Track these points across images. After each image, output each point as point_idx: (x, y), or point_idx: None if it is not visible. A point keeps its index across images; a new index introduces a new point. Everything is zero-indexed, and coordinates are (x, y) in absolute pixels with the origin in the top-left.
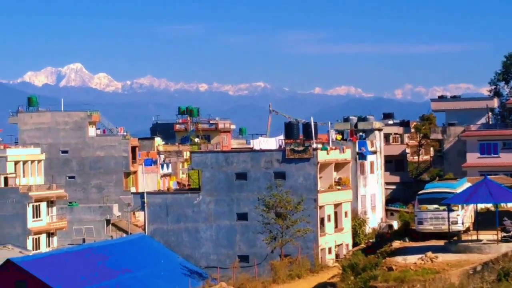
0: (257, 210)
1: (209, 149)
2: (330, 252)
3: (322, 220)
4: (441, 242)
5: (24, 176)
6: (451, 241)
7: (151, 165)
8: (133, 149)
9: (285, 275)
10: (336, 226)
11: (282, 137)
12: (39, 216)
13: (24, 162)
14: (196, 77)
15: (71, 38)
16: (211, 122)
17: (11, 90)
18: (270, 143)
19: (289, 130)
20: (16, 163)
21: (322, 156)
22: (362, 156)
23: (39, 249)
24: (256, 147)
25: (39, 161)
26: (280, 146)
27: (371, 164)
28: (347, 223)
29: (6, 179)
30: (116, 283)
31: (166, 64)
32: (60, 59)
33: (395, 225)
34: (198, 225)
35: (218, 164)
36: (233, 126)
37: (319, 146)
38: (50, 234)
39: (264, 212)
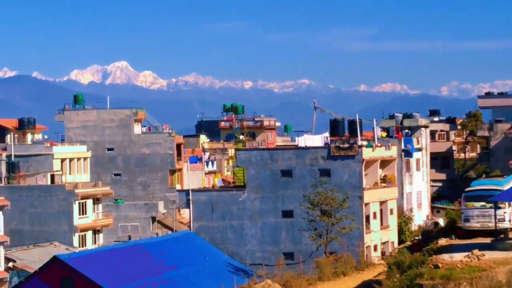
0: (302, 207)
1: (254, 147)
2: (375, 249)
3: (367, 217)
4: (487, 240)
5: (70, 174)
6: (498, 238)
7: (196, 163)
8: (178, 146)
9: (330, 273)
10: (381, 224)
11: (327, 134)
12: (85, 213)
13: (71, 160)
14: (241, 74)
15: (117, 36)
16: (256, 119)
17: (58, 88)
18: (315, 140)
19: (334, 127)
20: (62, 160)
21: (367, 153)
22: (407, 153)
23: (85, 246)
24: (301, 144)
25: (85, 158)
26: (325, 143)
27: (417, 161)
28: (392, 221)
29: (52, 177)
30: (161, 280)
31: (211, 61)
32: (105, 57)
33: (441, 222)
34: (243, 223)
35: (263, 162)
36: (278, 124)
37: (364, 143)
38: (96, 231)
39: (309, 210)
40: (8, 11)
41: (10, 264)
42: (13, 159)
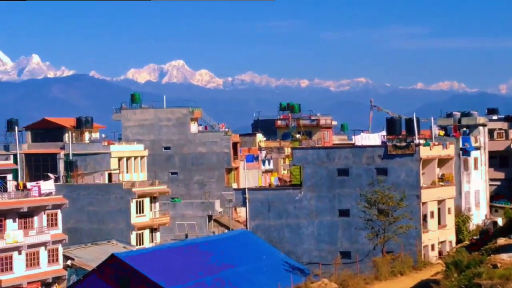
0: (359, 206)
1: (310, 145)
2: (433, 249)
3: (425, 216)
4: None
5: (127, 172)
6: None
7: (253, 161)
8: (235, 145)
9: (387, 272)
10: (439, 223)
11: (384, 132)
12: (142, 212)
13: (128, 158)
14: (297, 73)
15: (173, 35)
16: (312, 118)
17: (115, 87)
18: (371, 139)
19: (391, 125)
20: (119, 159)
21: (424, 152)
22: (465, 152)
23: (142, 244)
24: (358, 143)
25: (142, 157)
26: (382, 142)
27: (475, 160)
28: (450, 220)
29: (110, 175)
30: (218, 278)
31: (268, 60)
32: (162, 56)
33: (500, 221)
34: (299, 221)
35: (319, 160)
36: (334, 122)
37: (422, 142)
38: (153, 230)
39: (366, 208)
40: (66, 11)
41: (69, 262)
42: (71, 158)
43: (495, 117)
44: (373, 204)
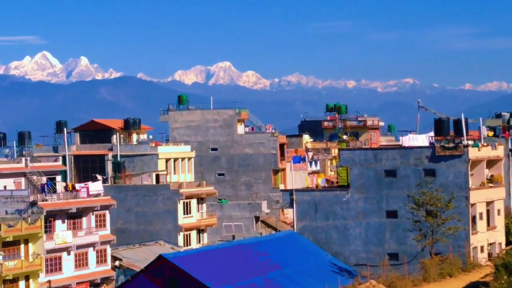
0: (406, 207)
1: (357, 146)
2: (482, 250)
3: (473, 218)
4: None
5: (175, 173)
6: None
7: (300, 162)
8: (282, 146)
9: (436, 274)
10: (488, 224)
11: (432, 133)
12: (190, 213)
13: (175, 160)
14: (344, 74)
15: (220, 36)
16: (359, 119)
17: (162, 89)
18: (419, 140)
19: (439, 126)
20: (167, 160)
21: (473, 153)
22: None
23: (189, 245)
24: (406, 144)
25: (189, 158)
26: (430, 143)
27: None
28: (499, 221)
29: (157, 176)
30: (266, 279)
31: (314, 61)
32: (209, 58)
33: None
34: (347, 223)
35: (366, 161)
36: (381, 123)
37: (470, 143)
38: (200, 231)
39: (414, 210)
40: (114, 12)
41: (117, 263)
42: (119, 159)
43: None
44: (421, 206)
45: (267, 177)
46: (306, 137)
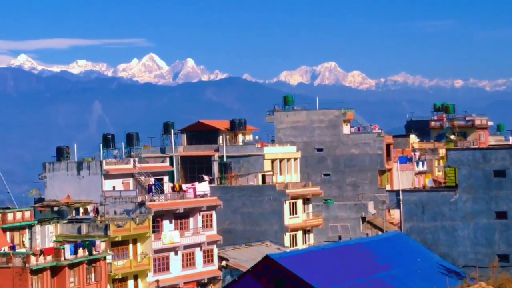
0: None
1: (465, 146)
2: None
3: None
4: None
5: (280, 174)
6: None
7: (406, 163)
8: (388, 146)
9: None
10: None
11: None
12: (296, 213)
13: (281, 160)
14: (451, 73)
15: (326, 37)
16: (467, 118)
17: (268, 90)
18: None
19: None
20: (273, 161)
21: None
22: None
23: (295, 245)
24: None
25: (295, 159)
26: None
27: None
28: None
29: (263, 177)
30: (373, 280)
31: (421, 60)
32: (314, 58)
33: None
34: (455, 224)
35: (475, 161)
36: (490, 123)
37: None
38: (306, 231)
39: None
40: (219, 14)
41: (224, 263)
42: (225, 160)
43: None
44: None
45: (373, 177)
46: (413, 137)
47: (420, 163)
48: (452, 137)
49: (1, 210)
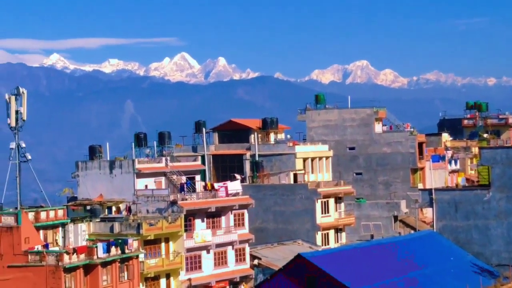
0: None
1: (498, 145)
2: None
3: None
4: None
5: (312, 173)
6: None
7: (439, 161)
8: (420, 145)
9: None
10: None
11: None
12: (328, 212)
13: (313, 159)
14: (484, 71)
15: (358, 35)
16: (500, 117)
17: (299, 89)
18: None
19: None
20: (304, 159)
21: None
22: None
23: (327, 244)
24: None
25: (327, 157)
26: None
27: None
28: None
29: (295, 176)
30: (405, 279)
31: (454, 58)
32: (346, 57)
33: None
34: (488, 222)
35: (508, 160)
36: None
37: None
38: (338, 230)
39: None
40: (250, 13)
41: (256, 262)
42: (257, 159)
43: None
44: None
45: (406, 176)
46: (446, 136)
47: (453, 161)
48: (485, 135)
49: (34, 209)
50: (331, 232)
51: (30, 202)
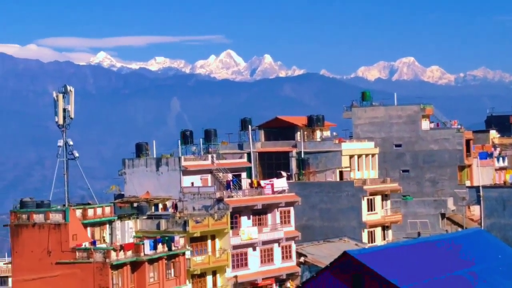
0: None
1: None
2: None
3: None
4: None
5: (358, 170)
6: None
7: (486, 158)
8: (467, 142)
9: None
10: None
11: None
12: (374, 209)
13: (359, 156)
14: None
15: (404, 32)
16: None
17: (345, 86)
18: None
19: None
20: (350, 157)
21: None
22: None
23: (374, 242)
24: None
25: (373, 155)
26: None
27: None
28: None
29: (341, 173)
30: (452, 277)
31: (501, 55)
32: (392, 53)
33: None
34: None
35: None
36: None
37: None
38: (384, 228)
39: None
40: (296, 10)
41: (302, 259)
42: (303, 156)
43: None
44: None
45: (453, 173)
46: (493, 133)
47: (501, 158)
48: None
49: (82, 206)
50: (378, 230)
51: (78, 199)
